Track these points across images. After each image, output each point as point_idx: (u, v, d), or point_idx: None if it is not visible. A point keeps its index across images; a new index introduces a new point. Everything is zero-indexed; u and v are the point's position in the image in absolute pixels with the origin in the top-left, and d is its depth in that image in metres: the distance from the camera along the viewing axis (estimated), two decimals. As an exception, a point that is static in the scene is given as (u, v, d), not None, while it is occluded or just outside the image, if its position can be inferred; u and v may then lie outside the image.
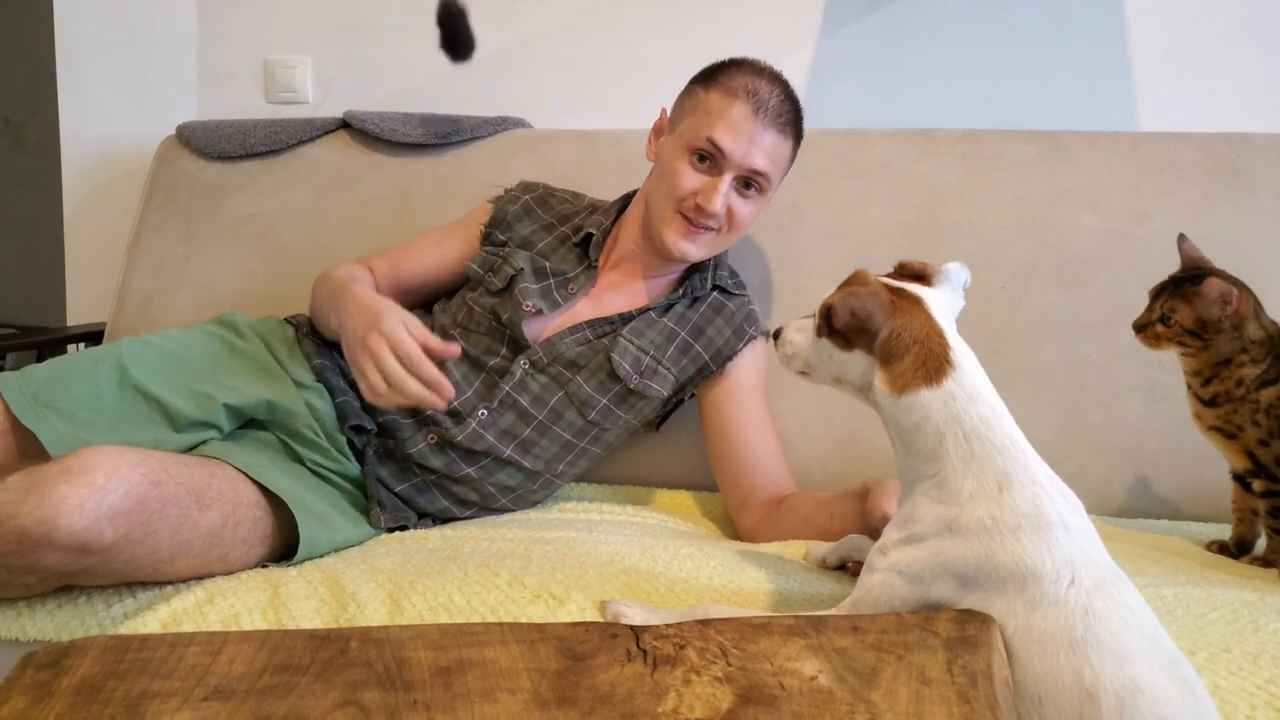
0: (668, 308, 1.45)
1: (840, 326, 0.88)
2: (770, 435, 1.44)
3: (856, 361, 0.89)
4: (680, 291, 1.47)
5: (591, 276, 1.47)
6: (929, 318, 0.87)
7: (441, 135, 1.82)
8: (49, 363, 1.27)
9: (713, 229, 1.39)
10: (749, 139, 1.35)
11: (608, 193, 1.60)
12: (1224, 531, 1.31)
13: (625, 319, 1.43)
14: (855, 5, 1.88)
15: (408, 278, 1.52)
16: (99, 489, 0.92)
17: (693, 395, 1.48)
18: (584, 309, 1.45)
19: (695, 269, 1.49)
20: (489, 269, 1.47)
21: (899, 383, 0.86)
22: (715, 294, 1.48)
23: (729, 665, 0.74)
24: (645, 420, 1.49)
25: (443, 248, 1.55)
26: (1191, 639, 0.93)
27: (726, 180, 1.36)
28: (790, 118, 1.39)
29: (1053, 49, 1.84)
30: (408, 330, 1.18)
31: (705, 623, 0.80)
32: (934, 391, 0.84)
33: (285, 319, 1.49)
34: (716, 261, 1.50)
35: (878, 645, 0.76)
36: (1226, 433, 1.22)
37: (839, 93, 1.88)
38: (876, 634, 0.77)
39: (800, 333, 0.95)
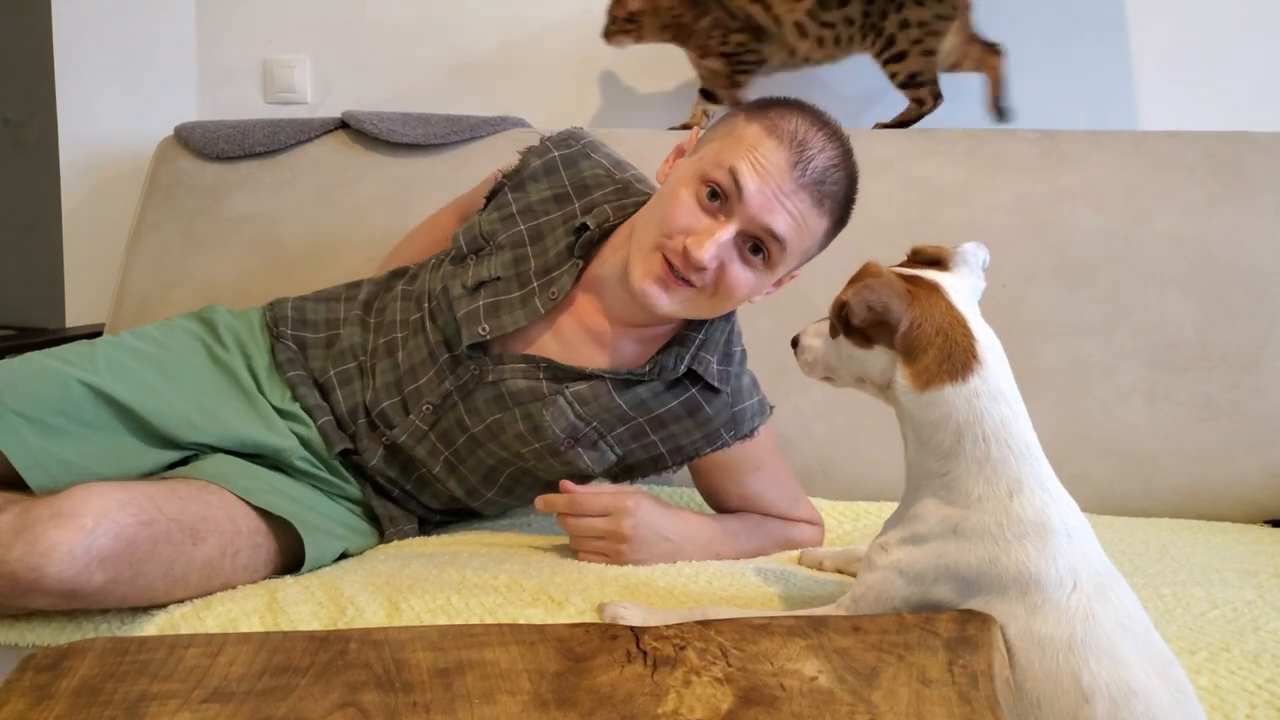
0: (628, 385, 1.19)
1: (858, 323, 0.83)
2: (763, 499, 1.27)
3: (877, 358, 0.85)
4: (649, 366, 1.20)
5: (575, 275, 1.21)
6: (949, 305, 0.84)
7: (441, 135, 1.81)
8: (19, 360, 1.16)
9: (693, 285, 1.11)
10: (776, 190, 1.08)
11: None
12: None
13: (581, 375, 1.20)
14: (855, 5, 1.88)
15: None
16: (89, 533, 0.91)
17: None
18: (548, 342, 1.22)
19: (674, 341, 1.21)
20: (474, 250, 1.27)
21: (923, 378, 0.82)
22: (694, 391, 1.20)
23: (729, 666, 0.73)
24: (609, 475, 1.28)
25: None
26: (1191, 638, 0.93)
27: (730, 230, 1.09)
28: (835, 192, 1.13)
29: (1053, 49, 1.84)
30: None
31: (705, 623, 0.80)
32: (958, 389, 0.81)
33: (265, 308, 1.39)
34: (705, 338, 1.21)
35: (878, 645, 0.76)
36: None
37: (839, 93, 1.88)
38: (877, 634, 0.77)
39: (817, 337, 0.91)
